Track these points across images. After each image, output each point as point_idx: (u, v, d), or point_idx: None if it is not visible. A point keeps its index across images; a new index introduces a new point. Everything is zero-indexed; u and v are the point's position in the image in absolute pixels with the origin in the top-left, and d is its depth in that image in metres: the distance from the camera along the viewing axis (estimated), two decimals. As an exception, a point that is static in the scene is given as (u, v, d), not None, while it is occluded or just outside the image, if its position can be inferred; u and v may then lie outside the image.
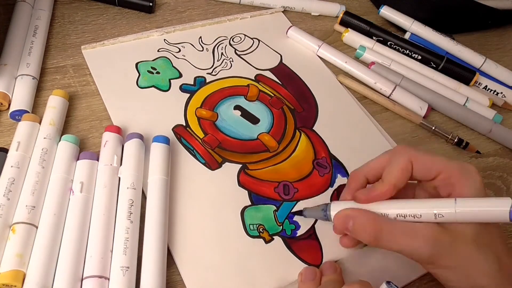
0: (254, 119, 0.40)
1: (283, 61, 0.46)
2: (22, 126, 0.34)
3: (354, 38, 0.50)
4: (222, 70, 0.44)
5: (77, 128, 0.37)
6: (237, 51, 0.46)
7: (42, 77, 0.40)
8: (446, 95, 0.47)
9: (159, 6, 0.49)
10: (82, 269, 0.29)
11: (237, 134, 0.39)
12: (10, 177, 0.31)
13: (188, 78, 0.42)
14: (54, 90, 0.37)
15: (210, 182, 0.35)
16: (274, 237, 0.33)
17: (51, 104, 0.36)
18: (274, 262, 0.32)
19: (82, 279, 0.28)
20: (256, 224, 0.34)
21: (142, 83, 0.41)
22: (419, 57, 0.50)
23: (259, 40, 0.47)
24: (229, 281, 0.31)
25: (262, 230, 0.34)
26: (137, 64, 0.42)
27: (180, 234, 0.32)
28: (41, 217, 0.30)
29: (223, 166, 0.37)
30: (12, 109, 0.36)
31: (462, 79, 0.49)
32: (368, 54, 0.49)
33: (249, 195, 0.35)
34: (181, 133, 0.38)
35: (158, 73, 0.42)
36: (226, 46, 0.46)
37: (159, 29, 0.46)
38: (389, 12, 0.53)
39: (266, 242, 0.33)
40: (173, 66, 0.43)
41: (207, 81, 0.42)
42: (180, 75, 0.42)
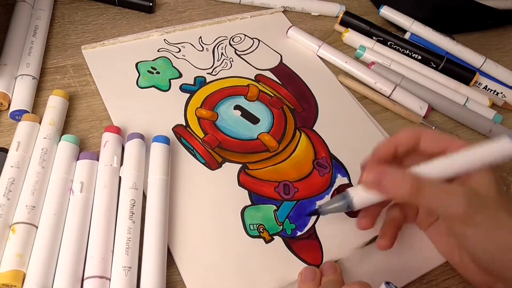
0: (254, 119, 0.40)
1: (283, 61, 0.46)
2: (22, 126, 0.34)
3: (354, 38, 0.50)
4: (222, 70, 0.44)
5: (77, 128, 0.37)
6: (237, 51, 0.46)
7: (42, 77, 0.40)
8: (446, 95, 0.47)
9: (159, 6, 0.49)
10: (83, 269, 0.28)
11: (237, 134, 0.39)
12: (10, 177, 0.31)
13: (188, 78, 0.42)
14: (54, 90, 0.37)
15: (210, 182, 0.35)
16: (274, 237, 0.33)
17: (51, 104, 0.36)
18: (274, 262, 0.32)
19: (82, 280, 0.28)
20: (256, 224, 0.34)
21: (142, 83, 0.41)
22: (419, 57, 0.50)
23: (259, 40, 0.47)
24: (229, 281, 0.31)
25: (262, 230, 0.34)
26: (137, 64, 0.42)
27: (180, 234, 0.32)
28: (41, 217, 0.30)
29: (223, 166, 0.37)
30: (12, 109, 0.35)
31: (462, 79, 0.49)
32: (368, 54, 0.49)
33: (249, 195, 0.35)
34: (181, 133, 0.38)
35: (158, 73, 0.42)
36: (226, 46, 0.46)
37: (159, 29, 0.46)
38: (389, 12, 0.53)
39: (266, 242, 0.33)
40: (173, 66, 0.43)
41: (207, 81, 0.42)
42: (180, 75, 0.42)
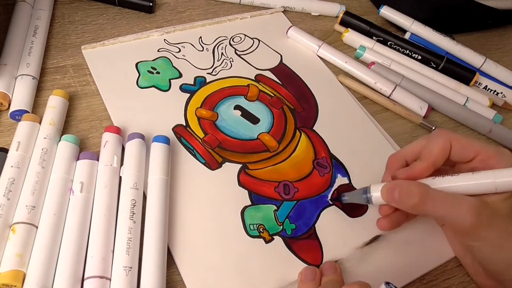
0: (254, 119, 0.40)
1: (283, 61, 0.46)
2: (22, 126, 0.34)
3: (354, 38, 0.50)
4: (222, 70, 0.44)
5: (77, 128, 0.37)
6: (237, 51, 0.46)
7: (42, 77, 0.40)
8: (446, 95, 0.47)
9: (159, 6, 0.49)
10: (83, 269, 0.28)
11: (237, 134, 0.39)
12: (10, 177, 0.31)
13: (188, 78, 0.42)
14: (54, 90, 0.37)
15: (210, 182, 0.35)
16: (274, 237, 0.33)
17: (51, 104, 0.36)
18: (274, 262, 0.32)
19: (83, 280, 0.28)
20: (256, 224, 0.34)
21: (142, 83, 0.41)
22: (419, 57, 0.50)
23: (259, 40, 0.47)
24: (229, 281, 0.31)
25: (262, 230, 0.34)
26: (137, 64, 0.42)
27: (180, 234, 0.32)
28: (41, 217, 0.30)
29: (223, 166, 0.37)
30: (12, 109, 0.35)
31: (462, 79, 0.49)
32: (368, 54, 0.49)
33: (249, 195, 0.35)
34: (181, 133, 0.38)
35: (158, 73, 0.42)
36: (226, 46, 0.46)
37: (159, 29, 0.46)
38: (389, 12, 0.53)
39: (266, 242, 0.33)
40: (173, 66, 0.43)
41: (207, 81, 0.42)
42: (180, 75, 0.42)
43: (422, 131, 0.44)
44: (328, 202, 0.36)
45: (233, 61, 0.45)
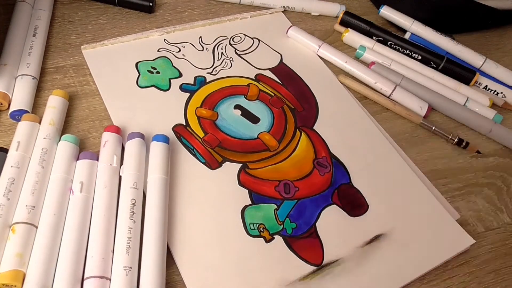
0: (254, 119, 0.40)
1: (283, 60, 0.46)
2: (22, 126, 0.34)
3: (354, 38, 0.50)
4: (222, 69, 0.44)
5: (77, 128, 0.37)
6: (237, 51, 0.46)
7: (42, 77, 0.40)
8: (446, 95, 0.47)
9: (159, 6, 0.49)
10: (83, 269, 0.28)
11: (237, 133, 0.39)
12: (10, 177, 0.31)
13: (188, 78, 0.42)
14: (54, 90, 0.37)
15: (210, 182, 0.35)
16: (274, 236, 0.33)
17: (51, 104, 0.36)
18: (275, 262, 0.32)
19: (82, 280, 0.28)
20: (256, 223, 0.34)
21: (142, 83, 0.41)
22: (419, 57, 0.50)
23: (259, 40, 0.47)
24: (229, 281, 0.31)
25: (263, 229, 0.34)
26: (137, 64, 0.42)
27: (180, 234, 0.32)
28: (41, 217, 0.30)
29: (223, 165, 0.37)
30: (12, 109, 0.35)
31: (462, 79, 0.49)
32: (368, 54, 0.49)
33: (249, 194, 0.35)
34: (181, 132, 0.38)
35: (158, 72, 0.42)
36: (226, 45, 0.46)
37: (159, 29, 0.46)
38: (389, 12, 0.53)
39: (267, 241, 0.33)
40: (173, 66, 0.43)
41: (207, 80, 0.42)
42: (180, 75, 0.42)
43: (422, 131, 0.44)
44: (328, 201, 0.36)
45: (233, 60, 0.45)
